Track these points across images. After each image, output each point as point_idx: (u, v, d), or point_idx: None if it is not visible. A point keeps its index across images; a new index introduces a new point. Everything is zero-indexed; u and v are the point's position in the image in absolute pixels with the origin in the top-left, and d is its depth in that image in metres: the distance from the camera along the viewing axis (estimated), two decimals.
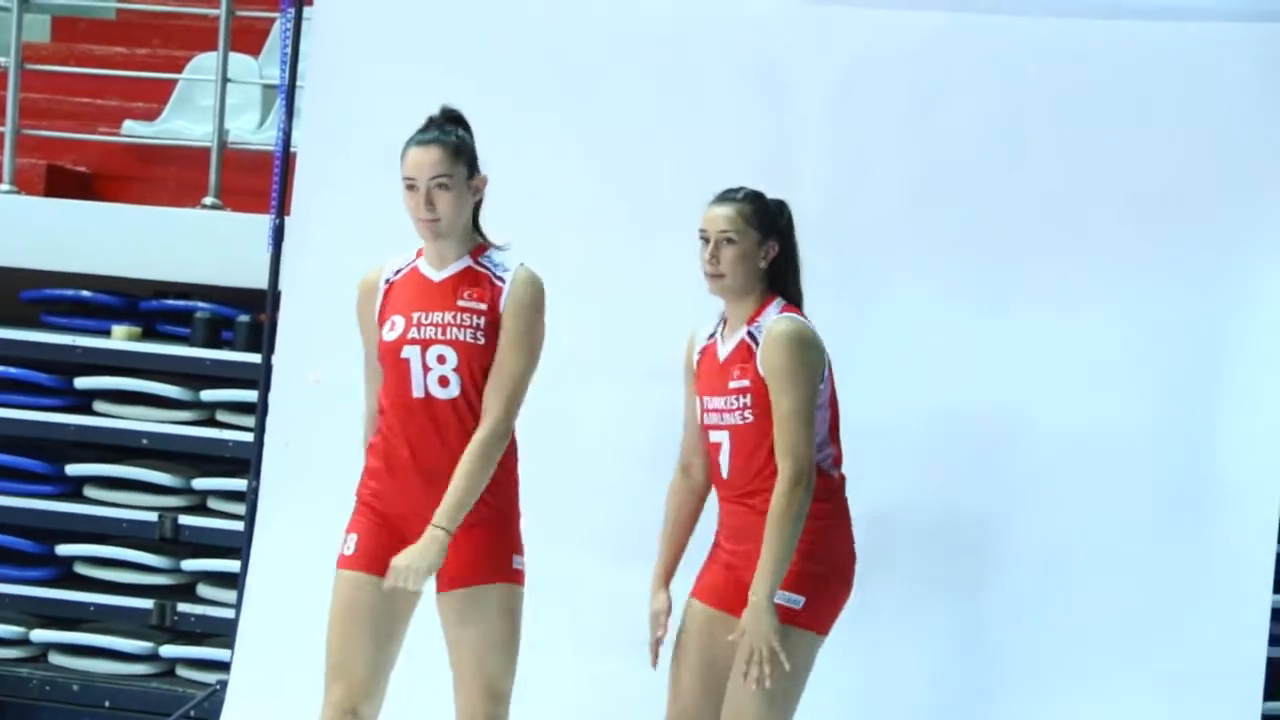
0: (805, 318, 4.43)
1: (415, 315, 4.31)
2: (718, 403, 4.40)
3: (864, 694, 5.32)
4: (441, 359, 4.26)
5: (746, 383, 4.36)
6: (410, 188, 4.30)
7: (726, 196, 4.45)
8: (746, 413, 4.36)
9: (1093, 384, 5.33)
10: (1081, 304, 5.35)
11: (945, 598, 5.34)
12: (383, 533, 4.33)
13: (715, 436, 4.42)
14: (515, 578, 4.34)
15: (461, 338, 4.28)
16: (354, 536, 4.34)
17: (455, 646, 4.33)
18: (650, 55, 5.59)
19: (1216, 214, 5.31)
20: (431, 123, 4.37)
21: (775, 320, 4.39)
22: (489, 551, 4.30)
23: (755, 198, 4.45)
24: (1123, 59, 5.35)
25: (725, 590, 4.43)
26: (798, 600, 4.33)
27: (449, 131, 4.35)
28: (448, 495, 4.21)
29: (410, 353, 4.27)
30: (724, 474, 4.42)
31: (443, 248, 4.35)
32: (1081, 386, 5.33)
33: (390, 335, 4.31)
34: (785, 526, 4.26)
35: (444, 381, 4.26)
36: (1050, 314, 5.36)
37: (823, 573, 4.37)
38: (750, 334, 4.40)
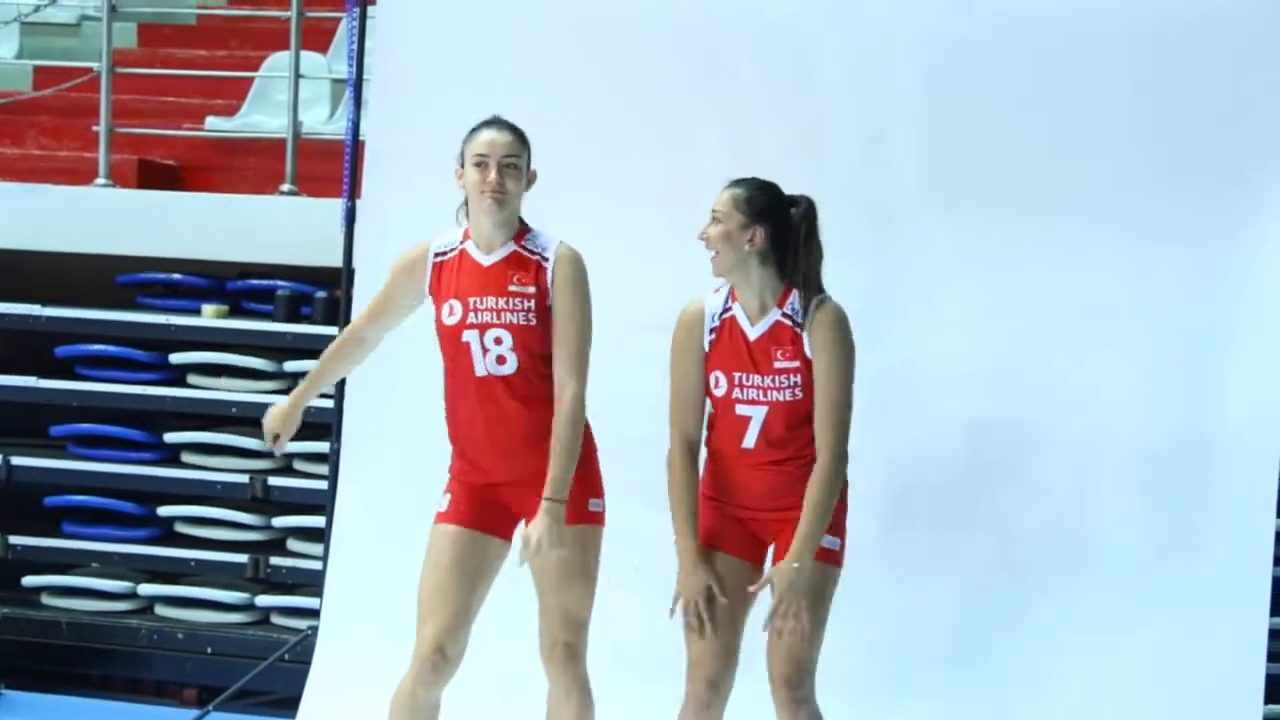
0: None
1: (471, 300, 4.47)
2: (757, 380, 4.42)
3: (900, 618, 5.48)
4: (499, 340, 4.45)
5: (796, 364, 4.40)
6: (480, 164, 4.46)
7: (733, 181, 4.48)
8: (797, 390, 4.41)
9: (1101, 333, 5.41)
10: (1089, 255, 5.41)
11: (972, 535, 5.48)
12: (473, 495, 4.54)
13: (747, 410, 4.43)
14: (591, 519, 4.50)
15: (515, 320, 4.46)
16: (449, 496, 4.55)
17: (540, 580, 4.51)
18: (687, 45, 5.71)
19: (1222, 170, 5.36)
20: (496, 118, 4.54)
21: (823, 303, 4.42)
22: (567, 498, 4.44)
23: (756, 187, 4.45)
24: (1132, 26, 5.41)
25: (740, 541, 4.51)
26: (837, 542, 4.48)
27: (514, 125, 4.53)
28: (551, 469, 4.37)
29: (470, 336, 4.46)
30: (748, 444, 4.43)
31: (491, 231, 4.49)
32: (1089, 334, 5.42)
33: (450, 320, 4.49)
34: (829, 501, 4.38)
35: (501, 360, 4.46)
36: (1059, 265, 5.43)
37: (842, 518, 4.50)
38: (787, 315, 4.43)
